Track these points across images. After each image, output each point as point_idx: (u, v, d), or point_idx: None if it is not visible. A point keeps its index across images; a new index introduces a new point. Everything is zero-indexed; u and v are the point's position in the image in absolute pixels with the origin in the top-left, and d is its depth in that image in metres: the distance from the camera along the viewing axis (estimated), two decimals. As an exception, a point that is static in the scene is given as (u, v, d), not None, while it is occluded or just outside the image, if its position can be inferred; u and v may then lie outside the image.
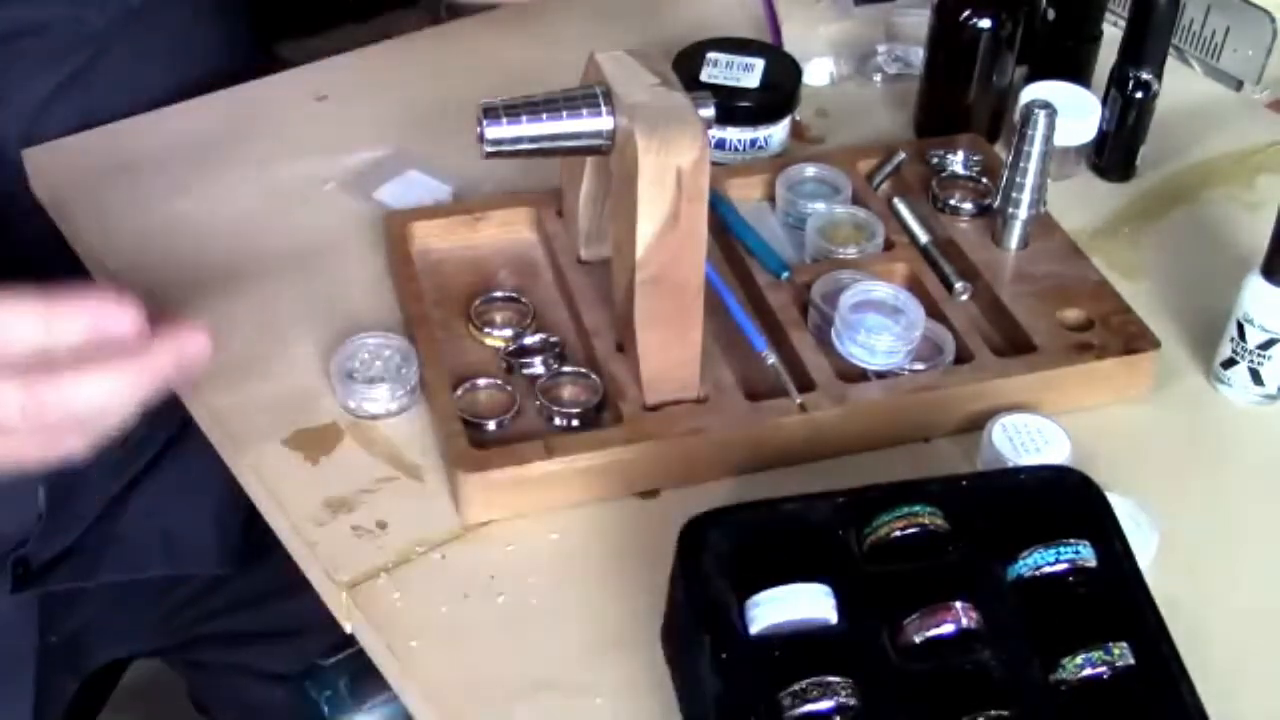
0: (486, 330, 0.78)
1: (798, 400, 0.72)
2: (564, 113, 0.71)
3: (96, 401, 0.60)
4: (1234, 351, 0.77)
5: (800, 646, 0.58)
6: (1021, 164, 0.80)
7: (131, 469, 0.99)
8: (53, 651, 1.02)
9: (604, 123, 0.71)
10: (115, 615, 1.05)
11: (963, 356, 0.76)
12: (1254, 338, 0.76)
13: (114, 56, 0.93)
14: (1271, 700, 0.64)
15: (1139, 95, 0.90)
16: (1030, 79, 0.94)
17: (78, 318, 0.59)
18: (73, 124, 0.92)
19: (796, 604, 0.59)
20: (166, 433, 1.01)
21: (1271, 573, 0.70)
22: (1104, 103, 0.91)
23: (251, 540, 1.05)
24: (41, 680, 0.99)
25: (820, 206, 0.84)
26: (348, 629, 0.68)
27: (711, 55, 0.93)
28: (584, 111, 0.71)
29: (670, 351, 0.71)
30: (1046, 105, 0.79)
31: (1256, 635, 0.67)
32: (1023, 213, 0.81)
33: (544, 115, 0.71)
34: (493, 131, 0.71)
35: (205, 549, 1.03)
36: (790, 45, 1.00)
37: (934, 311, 0.78)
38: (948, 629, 0.59)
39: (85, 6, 0.91)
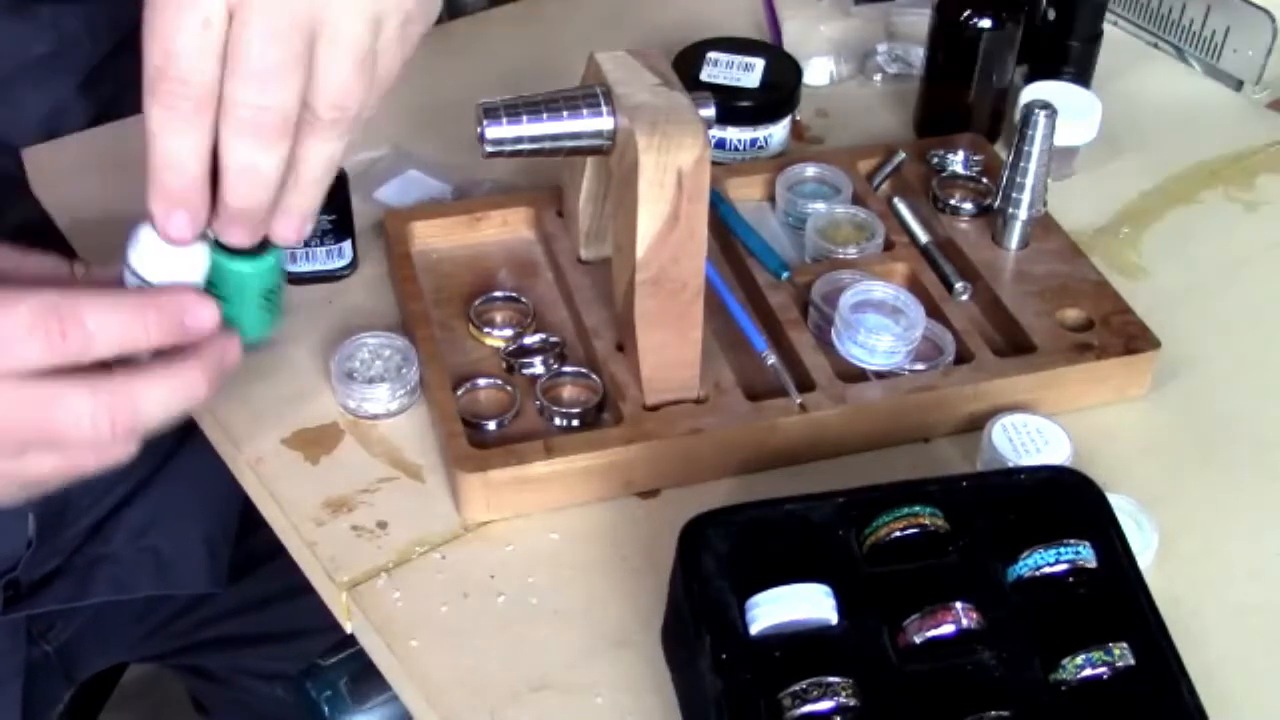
0: (486, 330, 0.78)
1: (798, 400, 0.72)
2: (564, 113, 0.71)
3: (160, 411, 0.59)
4: (1234, 351, 0.77)
5: (800, 646, 0.58)
6: (1021, 164, 0.80)
7: (119, 491, 0.99)
8: (44, 660, 1.01)
9: (604, 123, 0.71)
10: (108, 625, 1.04)
11: (963, 356, 0.76)
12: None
13: (109, 80, 0.93)
14: (1271, 700, 0.64)
15: None
16: (1030, 79, 0.94)
17: (174, 316, 0.58)
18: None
19: (796, 604, 0.59)
20: (156, 457, 1.00)
21: (1271, 572, 0.70)
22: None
23: (242, 557, 1.05)
24: (32, 688, 0.99)
25: (820, 206, 0.84)
26: (348, 629, 0.68)
27: (711, 55, 0.93)
28: (584, 111, 0.71)
29: (670, 351, 0.71)
30: (1046, 105, 0.79)
31: (1257, 634, 0.67)
32: (1023, 213, 0.81)
33: (544, 115, 0.71)
34: (493, 131, 0.71)
35: (195, 570, 1.02)
36: (790, 45, 1.00)
37: (934, 311, 0.78)
38: (948, 629, 0.59)
39: (77, 28, 0.90)
